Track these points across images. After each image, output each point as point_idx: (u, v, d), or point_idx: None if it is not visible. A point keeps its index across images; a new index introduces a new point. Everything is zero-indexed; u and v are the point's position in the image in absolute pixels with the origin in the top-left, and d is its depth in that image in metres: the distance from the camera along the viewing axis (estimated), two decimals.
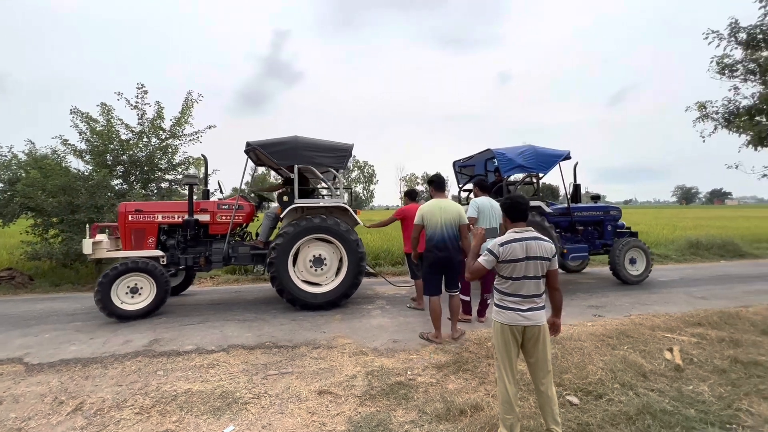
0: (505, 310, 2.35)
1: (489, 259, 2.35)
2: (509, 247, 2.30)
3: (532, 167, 6.35)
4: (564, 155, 6.51)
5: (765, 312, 4.94)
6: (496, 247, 2.34)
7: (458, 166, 7.95)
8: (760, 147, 4.91)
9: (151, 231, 5.50)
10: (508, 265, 2.31)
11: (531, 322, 2.30)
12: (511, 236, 2.35)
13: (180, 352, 3.83)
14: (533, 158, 6.31)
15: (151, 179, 9.35)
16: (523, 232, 2.35)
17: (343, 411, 2.80)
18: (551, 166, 6.43)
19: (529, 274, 2.30)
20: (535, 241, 2.32)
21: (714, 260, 10.06)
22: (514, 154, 6.31)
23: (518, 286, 2.32)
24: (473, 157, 7.42)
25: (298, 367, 3.52)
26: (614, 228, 7.33)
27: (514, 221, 2.44)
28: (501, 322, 2.36)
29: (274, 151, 5.50)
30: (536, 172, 6.55)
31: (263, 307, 5.62)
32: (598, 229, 7.31)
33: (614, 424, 2.58)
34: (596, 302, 5.66)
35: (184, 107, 9.47)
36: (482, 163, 7.51)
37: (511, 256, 2.29)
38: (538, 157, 6.35)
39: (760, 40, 4.84)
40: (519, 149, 6.50)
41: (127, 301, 4.95)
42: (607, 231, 7.24)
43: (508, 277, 2.33)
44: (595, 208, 7.34)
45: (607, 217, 7.29)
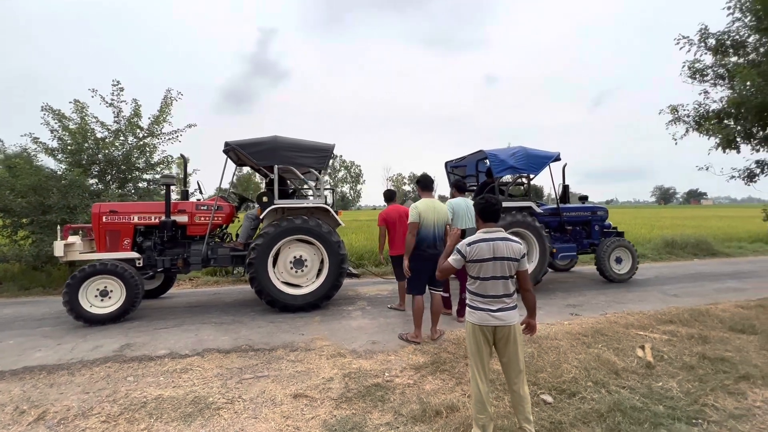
0: (476, 311, 2.37)
1: (457, 259, 2.39)
2: (476, 246, 2.34)
3: (523, 168, 6.46)
4: (554, 157, 6.64)
5: (733, 309, 5.11)
6: (463, 247, 2.38)
7: (450, 166, 8.04)
8: (728, 149, 5.07)
9: (126, 232, 5.34)
10: (476, 264, 2.34)
11: (501, 322, 2.31)
12: (479, 236, 2.39)
13: (152, 357, 3.73)
14: (524, 159, 6.42)
15: (128, 179, 9.10)
16: (492, 233, 2.38)
17: (318, 414, 2.77)
18: (542, 168, 6.55)
19: (496, 274, 2.32)
20: (503, 242, 2.34)
21: (688, 259, 10.38)
22: (506, 156, 6.41)
23: (487, 286, 2.34)
24: (465, 158, 7.51)
25: (275, 370, 3.46)
26: (601, 228, 7.51)
27: (485, 221, 2.47)
28: (472, 323, 2.38)
29: (253, 151, 5.41)
30: (527, 173, 6.66)
31: (242, 309, 5.53)
32: (586, 228, 7.47)
33: (586, 422, 2.62)
34: (574, 301, 5.77)
35: (162, 105, 9.26)
36: (474, 163, 7.60)
37: (477, 256, 2.32)
38: (529, 159, 6.46)
39: (728, 46, 5.01)
40: (510, 151, 6.59)
41: (97, 304, 4.79)
42: (594, 231, 7.41)
43: (476, 276, 2.36)
44: (583, 209, 7.51)
45: (595, 217, 7.46)
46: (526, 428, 2.31)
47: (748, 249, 11.76)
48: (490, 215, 2.45)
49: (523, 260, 2.36)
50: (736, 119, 4.94)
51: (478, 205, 2.48)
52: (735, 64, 5.11)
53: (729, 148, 5.06)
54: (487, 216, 2.46)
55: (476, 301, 2.38)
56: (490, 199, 2.47)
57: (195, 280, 7.80)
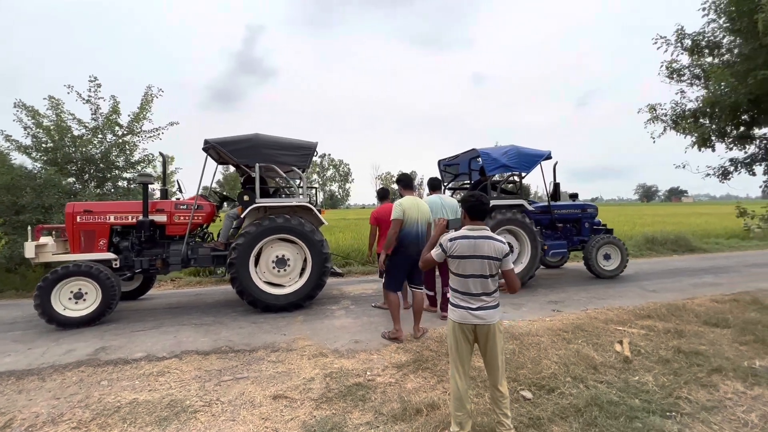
0: (457, 308, 2.37)
1: (438, 253, 2.40)
2: (457, 243, 2.34)
3: (515, 167, 6.55)
4: (545, 155, 6.74)
5: (708, 303, 5.25)
6: (445, 242, 2.37)
7: (443, 164, 8.10)
8: (703, 148, 5.19)
9: (102, 233, 5.19)
10: (455, 260, 2.34)
11: (481, 321, 2.31)
12: (462, 233, 2.38)
13: (128, 360, 3.63)
14: (516, 158, 6.50)
15: (107, 178, 8.86)
16: (476, 231, 2.37)
17: (297, 415, 2.73)
18: (533, 166, 6.65)
19: (476, 273, 2.31)
20: (486, 240, 2.33)
21: (667, 255, 10.63)
22: (499, 154, 6.49)
23: (466, 284, 2.33)
24: (458, 157, 7.57)
25: (255, 371, 3.41)
26: (591, 225, 7.64)
27: (472, 219, 2.45)
28: (453, 320, 2.38)
29: (233, 149, 5.32)
30: (519, 171, 6.75)
31: (223, 310, 5.44)
32: (576, 226, 7.59)
33: (564, 417, 2.64)
34: (556, 297, 5.84)
35: (143, 102, 9.04)
36: (466, 162, 7.66)
37: (458, 252, 2.32)
38: (521, 157, 6.55)
39: (704, 47, 5.13)
40: (503, 149, 6.67)
41: (71, 307, 4.64)
42: (584, 228, 7.54)
43: (456, 273, 2.36)
44: (574, 206, 7.64)
45: (585, 214, 7.59)
46: (504, 423, 2.33)
47: (724, 245, 12.11)
48: (478, 213, 2.43)
49: (506, 260, 2.35)
50: (710, 118, 5.06)
51: (467, 203, 2.45)
52: (710, 65, 5.24)
53: (704, 147, 5.19)
54: (474, 213, 2.44)
55: (457, 299, 2.39)
56: (479, 197, 2.44)
57: (177, 280, 7.65)
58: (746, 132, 5.12)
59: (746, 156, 5.18)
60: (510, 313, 5.09)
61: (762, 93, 4.52)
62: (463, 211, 2.51)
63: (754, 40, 4.32)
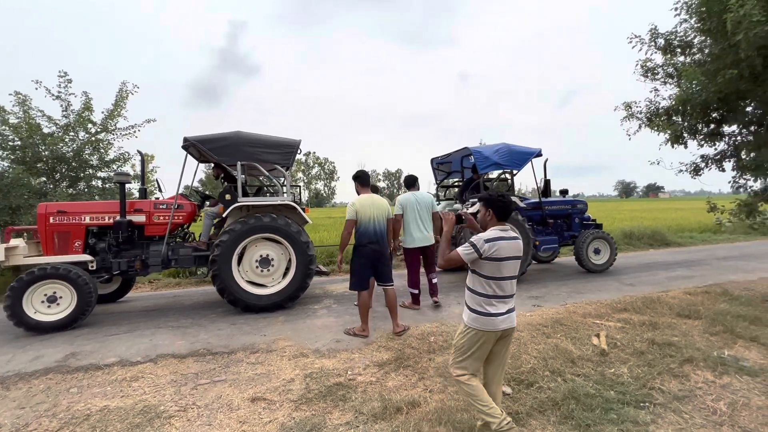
0: (484, 316, 2.25)
1: (470, 253, 2.25)
2: (495, 245, 2.22)
3: (507, 164, 6.65)
4: (536, 153, 6.86)
5: (681, 296, 5.41)
6: (480, 243, 2.23)
7: (435, 163, 8.15)
8: (676, 145, 5.34)
9: (77, 234, 5.01)
10: (491, 263, 2.23)
11: (509, 324, 2.27)
12: (496, 234, 2.28)
13: (100, 366, 3.51)
14: (508, 156, 6.60)
15: (80, 177, 8.56)
16: (507, 231, 2.32)
17: (276, 418, 2.69)
18: (524, 163, 6.76)
19: (511, 274, 2.27)
20: (517, 240, 2.32)
21: (644, 249, 10.93)
22: (490, 152, 6.58)
23: (500, 287, 2.25)
24: (450, 155, 7.62)
25: (233, 374, 3.34)
26: (581, 220, 7.78)
27: (500, 220, 2.38)
28: (478, 328, 2.27)
29: (214, 147, 5.20)
30: (511, 169, 6.85)
31: (201, 311, 5.31)
32: (567, 221, 7.73)
33: (542, 411, 2.68)
34: (537, 293, 5.92)
35: (117, 99, 8.77)
36: (458, 160, 7.70)
37: (496, 255, 2.22)
38: (512, 155, 6.65)
39: (676, 46, 5.27)
40: (494, 147, 6.76)
41: (43, 311, 4.46)
42: (574, 223, 7.68)
43: (490, 276, 2.25)
44: (564, 202, 7.77)
45: (575, 210, 7.74)
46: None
47: (697, 239, 12.53)
48: (506, 214, 2.38)
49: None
50: (683, 116, 5.21)
51: (496, 203, 2.36)
52: (682, 64, 5.38)
53: (677, 144, 5.33)
54: (503, 215, 2.37)
55: (484, 304, 2.27)
56: (509, 200, 2.40)
57: (155, 282, 7.44)
58: (716, 129, 5.30)
59: (716, 153, 5.36)
60: None
61: (730, 92, 4.67)
62: (486, 210, 2.41)
63: (723, 40, 4.46)
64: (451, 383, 3.08)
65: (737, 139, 5.26)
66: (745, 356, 3.47)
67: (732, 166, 5.24)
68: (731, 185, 5.41)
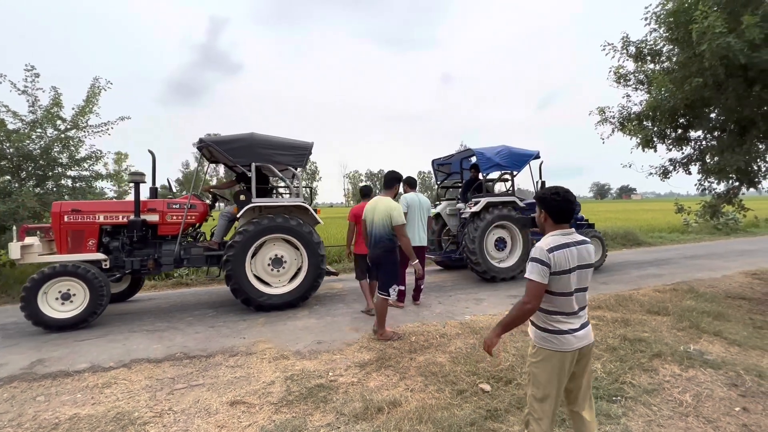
0: (557, 335, 1.85)
1: (542, 270, 1.80)
2: (560, 254, 1.82)
3: (507, 166, 6.93)
4: (534, 155, 7.12)
5: (651, 293, 5.65)
6: (544, 254, 1.81)
7: (436, 164, 8.36)
8: (647, 149, 5.57)
9: (91, 232, 5.02)
10: (559, 277, 1.81)
11: (587, 341, 1.90)
12: (558, 240, 1.86)
13: (69, 373, 3.37)
14: (508, 157, 6.87)
15: (48, 176, 8.19)
16: (571, 235, 1.91)
17: (255, 421, 2.65)
18: (523, 165, 7.04)
19: (580, 286, 1.88)
20: (585, 245, 1.91)
21: (618, 249, 11.33)
22: (492, 154, 6.81)
23: (568, 302, 1.85)
24: (452, 156, 7.83)
25: (211, 377, 3.28)
26: (575, 220, 8.04)
27: (558, 222, 1.93)
28: (554, 350, 1.86)
29: (229, 148, 5.28)
30: (511, 170, 7.12)
31: (178, 314, 5.18)
32: None
33: (520, 407, 2.74)
34: (516, 292, 6.05)
35: (89, 95, 8.44)
36: (458, 161, 7.86)
37: (561, 267, 1.81)
38: (513, 157, 6.92)
39: (646, 54, 5.49)
40: (495, 149, 6.98)
41: (57, 308, 4.46)
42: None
43: (559, 292, 1.83)
44: None
45: None
46: None
47: (666, 238, 13.08)
48: (567, 216, 1.93)
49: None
50: (652, 121, 5.43)
51: (551, 203, 1.91)
52: (652, 71, 5.61)
53: (647, 147, 5.56)
54: (561, 216, 1.92)
55: (555, 323, 1.86)
56: (565, 195, 1.91)
57: None
58: (683, 134, 5.55)
59: (683, 157, 5.61)
60: (471, 307, 5.22)
61: (696, 99, 4.91)
62: (540, 212, 1.99)
63: (689, 50, 4.67)
64: (431, 382, 3.12)
65: (702, 144, 5.52)
66: (709, 350, 3.65)
67: (698, 170, 5.50)
68: (697, 188, 5.67)
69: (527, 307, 1.82)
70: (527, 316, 1.86)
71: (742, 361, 3.42)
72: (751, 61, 4.12)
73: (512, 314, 1.86)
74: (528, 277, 1.83)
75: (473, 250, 6.41)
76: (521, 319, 1.86)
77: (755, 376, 3.14)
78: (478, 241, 6.40)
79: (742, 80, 4.60)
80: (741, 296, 5.52)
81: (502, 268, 6.66)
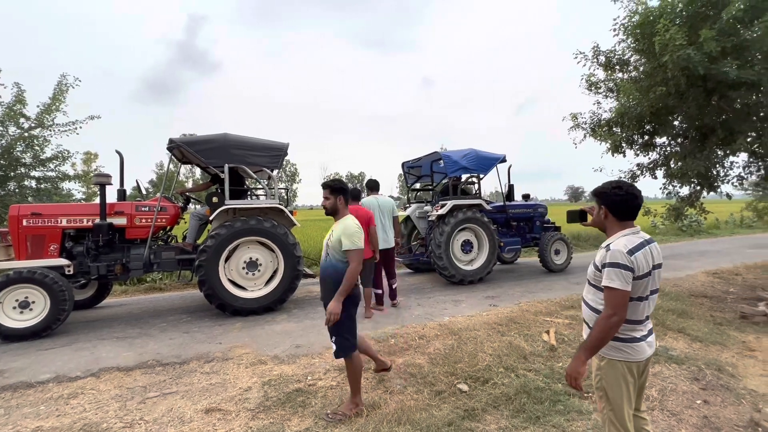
0: (630, 343, 1.70)
1: (626, 276, 1.62)
2: (640, 255, 1.66)
3: (474, 169, 7.05)
4: (501, 158, 7.26)
5: None
6: (626, 258, 1.63)
7: (407, 167, 8.40)
8: (616, 154, 5.82)
9: (53, 237, 4.78)
10: (639, 281, 1.66)
11: (653, 349, 1.78)
12: (634, 240, 1.70)
13: (31, 384, 3.20)
14: (475, 161, 6.97)
15: (10, 177, 7.79)
16: (640, 233, 1.75)
17: (232, 428, 2.60)
18: (490, 168, 7.16)
19: (656, 287, 1.75)
20: (654, 244, 1.77)
21: (591, 250, 11.73)
22: (459, 157, 6.90)
23: (643, 307, 1.71)
24: (421, 159, 7.87)
25: (185, 385, 3.19)
26: (542, 223, 8.24)
27: (622, 219, 1.76)
28: (627, 360, 1.70)
29: (201, 149, 5.15)
30: (477, 173, 7.26)
31: (151, 320, 5.01)
32: (529, 224, 8.19)
33: (496, 406, 2.80)
34: (493, 292, 6.18)
35: (56, 93, 8.09)
36: (428, 164, 7.91)
37: (642, 270, 1.66)
38: (479, 160, 7.04)
39: (615, 64, 5.75)
40: (462, 152, 7.08)
41: (15, 317, 4.21)
42: (536, 226, 8.16)
43: (636, 297, 1.68)
44: (526, 206, 8.23)
45: (536, 213, 8.22)
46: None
47: None
48: (633, 211, 1.76)
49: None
50: (621, 127, 5.68)
51: (615, 197, 1.74)
52: (621, 80, 5.87)
53: (617, 153, 5.81)
54: (628, 213, 1.75)
55: (629, 330, 1.71)
56: (629, 189, 1.74)
57: None
58: (649, 140, 5.84)
59: (650, 162, 5.90)
60: (450, 309, 5.29)
61: (660, 107, 5.17)
62: (599, 208, 1.83)
63: (653, 60, 4.92)
64: (410, 383, 3.14)
65: (667, 150, 5.82)
66: (674, 346, 3.83)
67: (663, 174, 5.78)
68: (662, 191, 5.96)
69: (614, 320, 1.60)
70: (615, 331, 1.63)
71: (704, 356, 3.61)
72: (709, 72, 4.38)
73: (597, 332, 1.63)
74: (610, 286, 1.62)
75: (440, 255, 6.44)
76: (609, 336, 1.64)
77: (715, 370, 3.32)
78: (444, 245, 6.43)
79: (702, 90, 4.88)
80: (703, 294, 5.83)
81: (469, 270, 6.71)
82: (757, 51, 4.48)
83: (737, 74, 4.22)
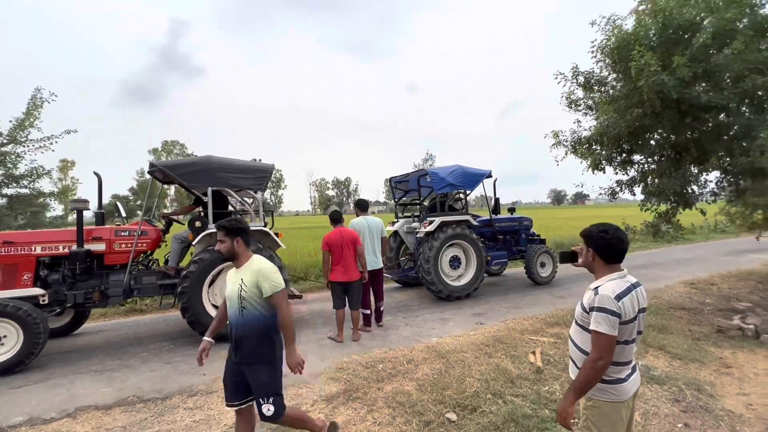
0: (615, 384, 1.76)
1: (613, 322, 1.68)
2: (627, 300, 1.72)
3: (460, 185, 7.12)
4: (486, 174, 7.38)
5: None
6: (614, 304, 1.69)
7: (394, 182, 8.47)
8: (596, 171, 5.97)
9: (26, 266, 4.59)
10: (625, 326, 1.72)
11: (638, 385, 1.86)
12: (621, 285, 1.75)
13: (3, 429, 3.05)
14: (461, 177, 7.06)
15: None
16: (627, 277, 1.81)
17: None
18: (476, 184, 7.29)
19: (640, 329, 1.81)
20: (640, 288, 1.83)
21: None
22: (445, 174, 6.98)
23: (628, 350, 1.77)
24: (408, 175, 7.96)
25: (168, 423, 3.10)
26: (527, 236, 8.41)
27: (609, 263, 1.81)
28: (615, 401, 1.76)
29: (183, 173, 5.05)
30: (464, 189, 7.35)
31: (131, 349, 4.86)
32: (515, 237, 8.33)
33: None
34: (480, 309, 6.22)
35: (29, 107, 7.86)
36: (416, 180, 7.97)
37: (628, 315, 1.71)
38: (466, 176, 7.13)
39: (593, 84, 5.92)
40: (449, 169, 7.17)
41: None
42: (521, 239, 8.32)
43: (622, 341, 1.73)
44: (512, 219, 8.38)
45: (522, 227, 8.40)
46: None
47: None
48: (619, 255, 1.80)
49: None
50: (601, 145, 5.85)
51: (601, 241, 1.80)
52: (599, 98, 6.05)
53: (596, 170, 5.97)
54: (614, 257, 1.80)
55: (614, 372, 1.77)
56: (616, 233, 1.79)
57: None
58: (627, 158, 6.02)
59: (628, 179, 6.08)
60: (438, 328, 5.30)
61: (637, 126, 5.34)
62: (587, 249, 1.89)
63: (630, 83, 5.10)
64: (399, 413, 3.13)
65: (644, 167, 6.00)
66: (655, 365, 3.93)
67: (641, 190, 5.96)
68: (642, 209, 6.14)
69: (600, 364, 1.68)
70: (602, 373, 1.71)
71: (683, 375, 3.71)
72: (682, 96, 4.56)
73: (584, 375, 1.72)
74: (597, 330, 1.68)
75: (428, 270, 6.48)
76: (597, 379, 1.71)
77: (694, 390, 3.41)
78: (432, 261, 6.48)
79: (676, 112, 5.07)
80: (681, 306, 5.99)
81: (457, 286, 6.76)
82: (726, 76, 4.68)
83: (708, 99, 4.40)
